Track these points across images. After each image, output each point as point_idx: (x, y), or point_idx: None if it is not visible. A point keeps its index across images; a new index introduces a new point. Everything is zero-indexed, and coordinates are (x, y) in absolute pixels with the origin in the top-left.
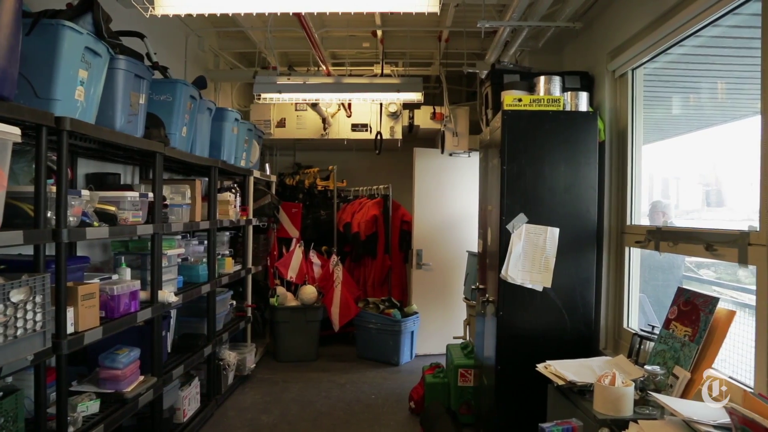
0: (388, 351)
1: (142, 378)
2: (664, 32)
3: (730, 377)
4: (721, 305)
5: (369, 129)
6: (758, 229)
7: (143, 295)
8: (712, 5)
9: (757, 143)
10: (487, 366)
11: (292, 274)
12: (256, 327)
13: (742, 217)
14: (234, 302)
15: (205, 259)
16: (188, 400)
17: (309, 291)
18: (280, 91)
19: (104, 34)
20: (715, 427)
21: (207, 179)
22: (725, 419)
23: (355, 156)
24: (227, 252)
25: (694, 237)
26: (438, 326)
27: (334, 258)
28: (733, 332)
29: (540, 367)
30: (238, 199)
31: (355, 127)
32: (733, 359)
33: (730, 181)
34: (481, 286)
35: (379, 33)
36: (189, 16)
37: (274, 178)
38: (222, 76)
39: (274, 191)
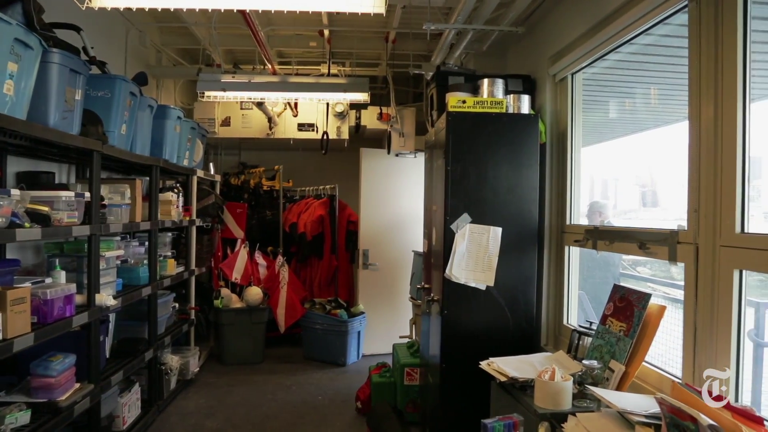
0: (334, 351)
1: (78, 385)
2: (600, 39)
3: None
4: (655, 301)
5: (315, 129)
6: (686, 228)
7: (79, 299)
8: (644, 15)
9: (686, 147)
10: (432, 364)
11: (237, 276)
12: (200, 330)
13: (675, 217)
14: (177, 305)
15: (146, 261)
16: (128, 406)
17: (254, 292)
18: (224, 90)
19: (36, 26)
20: (646, 416)
21: (148, 179)
22: (656, 409)
23: (301, 156)
24: (169, 253)
25: (628, 236)
26: (385, 326)
27: (280, 259)
28: (664, 326)
29: (483, 364)
30: (181, 199)
31: (301, 127)
32: (665, 352)
33: (663, 182)
34: (426, 286)
35: (326, 32)
36: (129, 10)
37: (218, 178)
38: (164, 72)
39: (218, 191)
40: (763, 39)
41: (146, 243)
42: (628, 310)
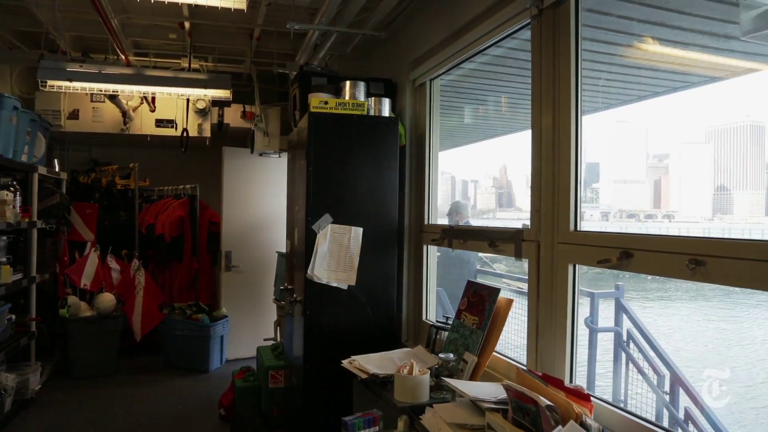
0: (196, 358)
1: None
2: (456, 48)
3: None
4: (508, 295)
5: (175, 125)
6: (530, 227)
7: None
8: (494, 29)
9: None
10: (296, 366)
11: (86, 282)
12: (43, 343)
13: (526, 217)
14: (13, 316)
15: None
16: None
17: (106, 299)
18: (70, 79)
19: None
20: (495, 402)
21: None
22: (504, 395)
23: (159, 153)
24: (4, 259)
25: (480, 235)
26: (249, 329)
27: (136, 262)
28: (513, 317)
29: (345, 362)
30: (19, 198)
31: (159, 123)
32: (514, 341)
33: (517, 185)
34: (289, 287)
35: (187, 25)
36: None
37: (65, 176)
38: None
39: (64, 190)
40: (591, 58)
41: None
42: (481, 305)
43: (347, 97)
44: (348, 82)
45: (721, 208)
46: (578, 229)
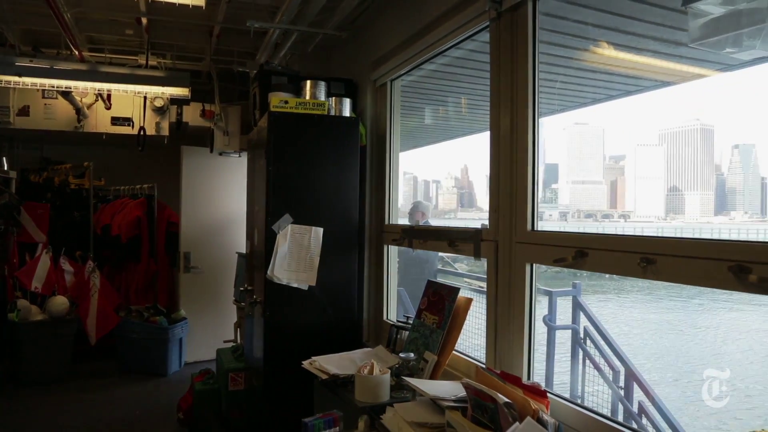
0: (154, 361)
1: None
2: (416, 49)
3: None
4: (469, 294)
5: (132, 124)
6: (488, 227)
7: None
8: (454, 30)
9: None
10: (256, 368)
11: (37, 284)
12: None
13: (488, 217)
14: None
15: None
16: None
17: (59, 302)
18: (20, 74)
19: None
20: (455, 401)
21: None
22: (463, 393)
23: (115, 152)
24: None
25: (439, 234)
26: (208, 331)
27: (90, 264)
28: (475, 317)
29: (305, 363)
30: None
31: (115, 121)
32: (476, 340)
33: (478, 185)
34: (249, 288)
35: (144, 21)
36: None
37: (14, 175)
38: None
39: (14, 189)
40: (549, 61)
41: None
42: (440, 304)
43: (308, 97)
44: (309, 82)
45: (674, 208)
46: (535, 228)
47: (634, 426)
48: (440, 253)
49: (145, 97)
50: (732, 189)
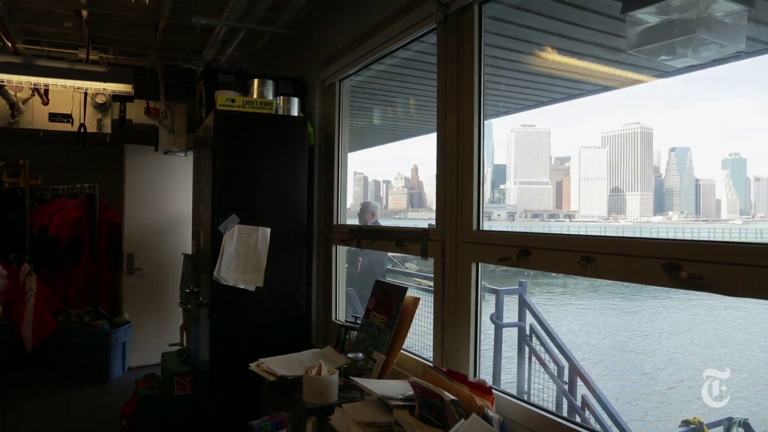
0: (96, 367)
1: None
2: (365, 50)
3: (414, 354)
4: (418, 294)
5: (71, 120)
6: (435, 227)
7: None
8: (402, 32)
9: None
10: (203, 371)
11: None
12: None
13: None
14: None
15: None
16: None
17: None
18: None
19: None
20: (402, 399)
21: None
22: (411, 392)
23: (54, 150)
24: None
25: (387, 234)
26: (153, 334)
27: (26, 267)
28: (425, 316)
29: (253, 365)
30: None
31: (54, 117)
32: (426, 339)
33: (428, 185)
34: (195, 289)
35: (85, 13)
36: None
37: None
38: None
39: None
40: (494, 64)
41: None
42: (389, 304)
43: (255, 96)
44: (256, 80)
45: (616, 208)
46: (481, 228)
47: (578, 420)
48: (390, 254)
49: (85, 93)
50: (669, 190)
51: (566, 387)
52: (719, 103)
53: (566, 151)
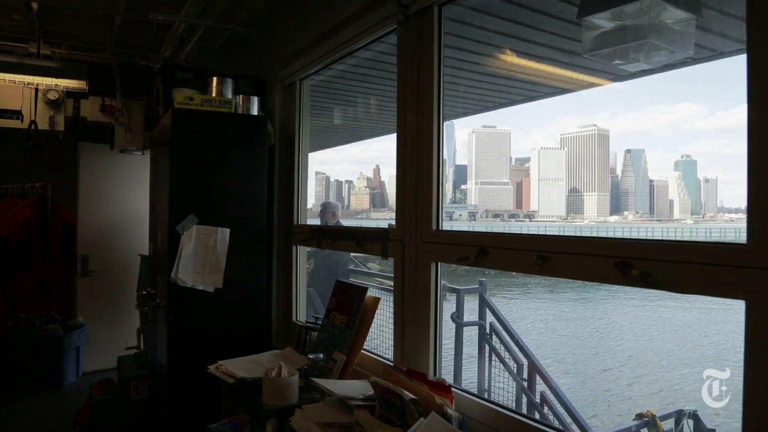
0: (47, 372)
1: None
2: (326, 49)
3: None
4: (379, 294)
5: (21, 117)
6: (395, 227)
7: None
8: (363, 32)
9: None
10: (160, 374)
11: None
12: None
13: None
14: None
15: None
16: None
17: None
18: None
19: None
20: (362, 399)
21: None
22: (371, 392)
23: (2, 148)
24: None
25: (347, 235)
26: (109, 338)
27: None
28: (387, 316)
29: (211, 368)
30: None
31: (2, 114)
32: (388, 338)
33: (390, 185)
34: (152, 291)
35: (35, 5)
36: None
37: None
38: None
39: None
40: (454, 65)
41: None
42: (349, 304)
43: (214, 94)
44: (215, 79)
45: (574, 208)
46: (440, 228)
47: (537, 416)
48: (351, 254)
49: (36, 89)
50: (625, 191)
51: (525, 384)
52: (671, 107)
53: (526, 152)
